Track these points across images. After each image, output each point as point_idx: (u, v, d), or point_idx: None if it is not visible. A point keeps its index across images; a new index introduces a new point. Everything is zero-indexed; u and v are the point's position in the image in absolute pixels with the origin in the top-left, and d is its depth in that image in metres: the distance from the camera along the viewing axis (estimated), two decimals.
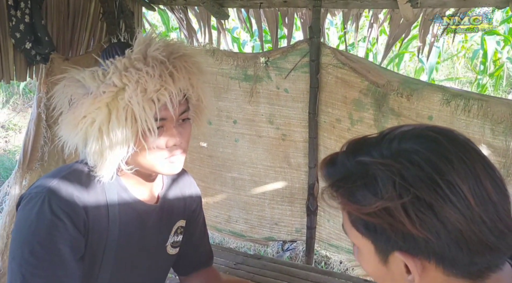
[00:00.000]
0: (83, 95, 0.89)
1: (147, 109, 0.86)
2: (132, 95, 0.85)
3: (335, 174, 0.62)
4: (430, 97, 1.57)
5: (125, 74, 0.86)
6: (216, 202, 2.26)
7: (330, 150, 1.90)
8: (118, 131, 0.86)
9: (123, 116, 0.86)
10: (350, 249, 2.02)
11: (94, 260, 0.98)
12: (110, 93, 0.86)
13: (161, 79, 0.87)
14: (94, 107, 0.87)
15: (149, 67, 0.87)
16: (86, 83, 0.89)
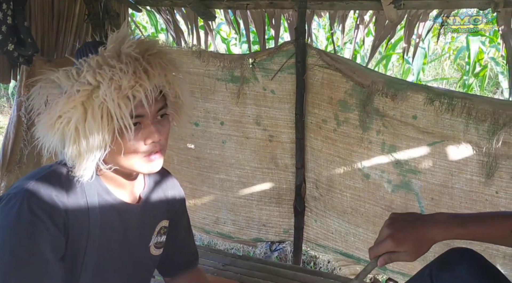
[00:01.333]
0: (58, 95, 0.88)
1: (123, 106, 0.86)
2: (107, 93, 0.85)
3: None
4: (414, 97, 1.59)
5: (98, 72, 0.86)
6: (204, 204, 2.25)
7: (317, 151, 1.91)
8: (94, 130, 0.86)
9: (99, 115, 0.86)
10: (337, 249, 2.03)
11: (75, 260, 0.97)
12: (85, 92, 0.86)
13: (136, 75, 0.87)
14: (69, 106, 0.86)
15: (122, 64, 0.87)
16: (61, 83, 0.88)
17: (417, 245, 0.92)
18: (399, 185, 1.72)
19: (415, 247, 0.92)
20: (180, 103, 1.02)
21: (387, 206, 1.78)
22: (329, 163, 1.89)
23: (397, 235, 0.92)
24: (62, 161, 0.97)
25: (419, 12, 1.87)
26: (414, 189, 1.69)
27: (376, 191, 1.79)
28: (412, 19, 1.91)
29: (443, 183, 1.62)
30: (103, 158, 0.92)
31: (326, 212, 2.00)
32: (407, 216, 0.98)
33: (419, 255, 0.93)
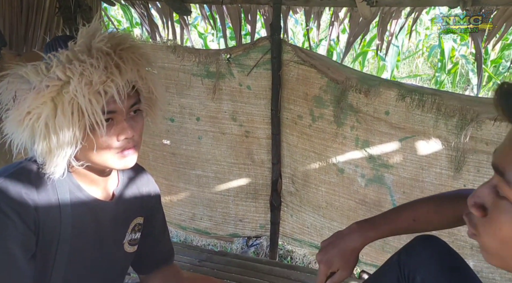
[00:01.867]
0: (27, 90, 0.86)
1: (94, 102, 0.84)
2: (77, 88, 0.83)
3: None
4: (387, 93, 1.62)
5: (68, 67, 0.84)
6: (180, 200, 2.24)
7: (293, 146, 1.93)
8: (65, 126, 0.84)
9: (69, 111, 0.84)
10: (313, 243, 2.06)
11: (46, 259, 0.96)
12: (55, 87, 0.84)
13: (107, 71, 0.86)
14: (38, 102, 0.84)
15: (93, 59, 0.85)
16: (30, 78, 0.86)
17: (344, 259, 1.02)
18: (372, 179, 1.76)
19: (343, 261, 1.03)
20: (154, 98, 1.01)
21: (361, 199, 1.82)
22: (305, 158, 1.91)
23: (324, 258, 1.03)
24: (32, 157, 0.95)
25: (392, 10, 1.90)
26: (387, 183, 1.73)
27: (350, 185, 1.83)
28: (385, 17, 1.94)
29: (414, 177, 1.66)
30: (74, 154, 0.90)
31: (302, 207, 2.03)
32: (331, 238, 1.07)
33: (351, 266, 1.04)
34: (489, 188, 0.56)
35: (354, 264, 1.06)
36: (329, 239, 1.08)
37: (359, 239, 1.03)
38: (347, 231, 1.06)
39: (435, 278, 0.99)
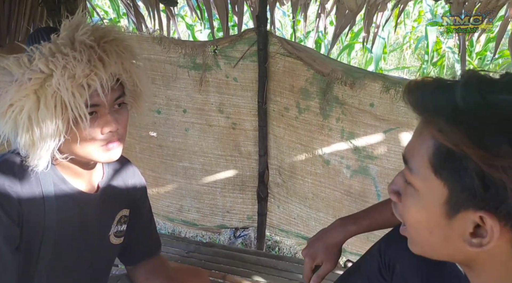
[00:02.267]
0: (9, 83, 0.86)
1: (77, 96, 0.84)
2: (60, 82, 0.83)
3: (447, 103, 0.52)
4: (372, 85, 1.63)
5: (51, 60, 0.84)
6: (168, 192, 2.24)
7: (279, 138, 1.94)
8: (48, 119, 0.84)
9: (52, 104, 0.84)
10: (299, 234, 2.09)
11: (30, 251, 0.96)
12: (37, 80, 0.84)
13: (90, 64, 0.85)
14: (21, 95, 0.84)
15: (76, 52, 0.84)
16: (12, 70, 0.85)
17: (327, 252, 1.08)
18: (357, 170, 1.78)
19: (327, 255, 1.09)
20: (138, 91, 1.01)
21: (346, 190, 1.84)
22: (291, 149, 1.93)
23: (309, 252, 1.10)
24: (15, 150, 0.95)
25: (378, 2, 1.91)
26: (371, 174, 1.75)
27: (335, 176, 1.85)
28: (371, 9, 1.96)
29: (397, 168, 1.69)
30: (58, 147, 0.90)
31: (289, 198, 2.05)
32: (317, 235, 1.14)
33: (334, 259, 1.10)
34: (401, 176, 0.61)
35: (338, 257, 1.11)
36: (316, 235, 1.14)
37: (341, 234, 1.09)
38: (330, 227, 1.12)
39: (414, 267, 1.02)
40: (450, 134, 0.50)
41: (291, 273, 1.82)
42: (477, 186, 0.49)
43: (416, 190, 0.56)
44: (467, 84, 0.51)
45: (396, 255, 1.06)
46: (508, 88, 0.50)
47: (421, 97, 0.55)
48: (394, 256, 1.07)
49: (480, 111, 0.49)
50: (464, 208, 0.51)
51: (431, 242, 0.58)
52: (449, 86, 0.53)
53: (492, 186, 0.48)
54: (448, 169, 0.51)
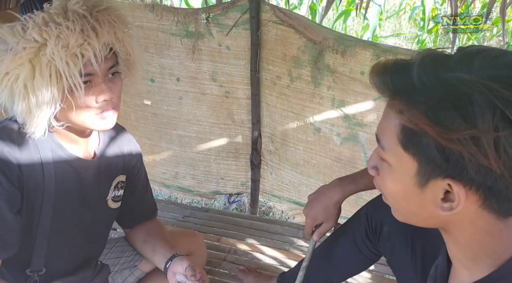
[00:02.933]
0: (4, 51, 0.87)
1: (71, 65, 0.86)
2: (54, 51, 0.85)
3: (405, 84, 0.55)
4: (362, 53, 1.65)
5: (44, 30, 0.85)
6: (163, 159, 2.29)
7: (272, 106, 1.97)
8: (43, 88, 0.87)
9: (47, 73, 0.86)
10: (291, 199, 2.16)
11: (32, 214, 1.00)
12: (32, 49, 0.86)
13: (83, 34, 0.87)
14: (16, 63, 0.86)
15: (69, 21, 0.86)
16: (6, 39, 0.87)
17: (327, 211, 1.13)
18: (347, 138, 1.83)
19: (327, 214, 1.13)
20: (131, 60, 1.03)
21: (336, 157, 1.90)
22: (283, 118, 1.96)
23: (310, 213, 1.15)
24: (12, 117, 0.97)
25: None
26: (361, 141, 1.80)
27: (326, 143, 1.90)
28: None
29: None
30: (54, 115, 0.93)
31: (281, 165, 2.10)
32: (316, 193, 1.18)
33: (334, 218, 1.15)
34: (376, 153, 0.65)
35: (337, 216, 1.15)
36: (314, 193, 1.18)
37: (340, 193, 1.12)
38: (329, 186, 1.15)
39: (400, 228, 1.09)
40: (409, 114, 0.54)
41: (282, 236, 1.90)
42: (439, 158, 0.53)
43: (390, 165, 0.61)
44: (422, 64, 0.54)
45: (384, 218, 1.12)
46: (460, 65, 0.52)
47: (382, 80, 0.57)
48: (381, 219, 1.13)
49: (434, 90, 0.52)
50: (433, 178, 0.56)
51: (408, 210, 0.63)
52: (406, 67, 0.55)
53: (451, 156, 0.52)
54: (413, 144, 0.56)
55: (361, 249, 1.20)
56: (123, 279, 1.33)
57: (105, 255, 1.32)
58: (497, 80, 0.50)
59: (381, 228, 1.13)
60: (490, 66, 0.51)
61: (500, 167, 0.50)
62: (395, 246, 1.11)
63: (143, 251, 1.28)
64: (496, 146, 0.49)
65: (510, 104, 0.48)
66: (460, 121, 0.50)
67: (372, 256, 1.21)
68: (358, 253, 1.21)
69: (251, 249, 1.82)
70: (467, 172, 0.52)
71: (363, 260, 1.23)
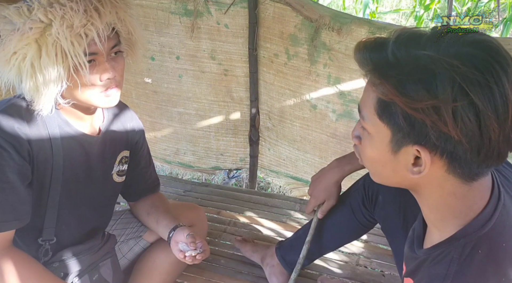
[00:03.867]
0: (11, 31, 0.91)
1: (76, 45, 0.90)
2: (59, 31, 0.89)
3: (381, 60, 0.61)
4: (358, 30, 1.68)
5: (49, 10, 0.89)
6: (164, 136, 2.34)
7: (269, 84, 2.01)
8: (50, 67, 0.91)
9: (53, 52, 0.90)
10: (288, 174, 2.22)
11: (42, 188, 1.06)
12: (37, 29, 0.89)
13: (87, 14, 0.91)
14: (23, 43, 0.90)
15: (73, 2, 0.90)
16: (13, 19, 0.91)
17: (329, 191, 1.24)
18: (342, 114, 1.88)
19: (328, 193, 1.24)
20: (133, 39, 1.06)
21: (332, 133, 1.95)
22: (281, 95, 2.01)
23: (313, 193, 1.26)
24: (20, 94, 1.02)
25: None
26: (356, 117, 1.85)
27: (322, 120, 1.95)
28: None
29: None
30: (60, 93, 0.98)
31: (278, 141, 2.16)
32: (318, 174, 1.27)
33: (335, 196, 1.26)
34: (359, 123, 0.71)
35: (338, 194, 1.27)
36: (317, 175, 1.28)
37: (338, 174, 1.22)
38: (328, 168, 1.25)
39: (394, 196, 1.16)
40: (380, 87, 0.60)
41: (280, 209, 1.98)
42: (405, 126, 0.60)
43: (369, 134, 0.67)
44: (396, 41, 0.60)
45: (379, 188, 1.20)
46: (429, 43, 0.58)
47: (363, 56, 0.63)
48: (377, 189, 1.21)
49: (405, 65, 0.58)
50: (404, 145, 0.62)
51: (384, 173, 0.70)
52: (383, 45, 0.61)
53: (416, 124, 0.58)
54: (386, 114, 0.62)
55: (357, 216, 1.28)
56: (129, 249, 1.40)
57: (111, 226, 1.39)
58: (459, 57, 0.55)
59: (377, 197, 1.21)
60: (455, 45, 0.57)
61: (458, 133, 0.56)
62: (388, 214, 1.18)
63: (147, 222, 1.35)
64: (454, 115, 0.55)
65: (467, 78, 0.54)
66: (424, 92, 0.56)
67: (367, 223, 1.29)
68: (354, 220, 1.29)
69: (250, 221, 1.90)
70: (430, 138, 0.58)
71: (359, 227, 1.31)
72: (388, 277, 1.56)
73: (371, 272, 1.59)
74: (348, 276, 1.56)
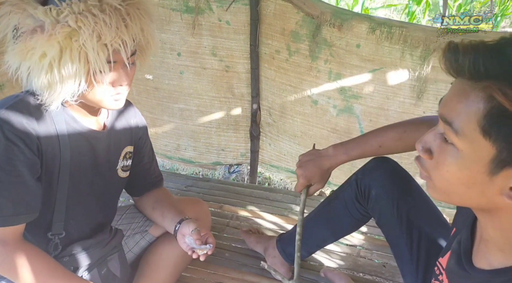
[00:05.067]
0: (35, 27, 0.92)
1: (101, 54, 0.93)
2: (87, 40, 0.91)
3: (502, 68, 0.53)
4: (358, 26, 1.70)
5: (80, 18, 0.91)
6: (165, 132, 2.36)
7: (270, 80, 2.03)
8: (71, 69, 0.93)
9: (77, 57, 0.92)
10: (289, 168, 2.25)
11: (50, 182, 1.08)
12: (64, 33, 0.91)
13: (118, 29, 0.93)
14: (45, 41, 0.91)
15: (105, 15, 0.92)
16: (38, 16, 0.92)
17: (320, 175, 1.22)
18: (343, 109, 1.90)
19: (319, 177, 1.22)
20: (149, 47, 1.09)
21: (333, 128, 1.98)
22: (282, 91, 2.03)
23: (304, 173, 1.22)
24: (28, 90, 1.03)
25: None
26: (356, 113, 1.88)
27: (323, 115, 1.97)
28: None
29: (380, 106, 1.81)
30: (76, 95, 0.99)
31: (279, 136, 2.18)
32: (309, 155, 1.25)
33: (325, 181, 1.24)
34: (435, 135, 0.63)
35: (327, 179, 1.26)
36: (308, 155, 1.25)
37: (334, 161, 1.21)
38: (324, 152, 1.23)
39: (387, 191, 1.19)
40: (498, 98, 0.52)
41: (281, 203, 2.00)
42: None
43: (459, 150, 0.58)
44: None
45: (371, 183, 1.22)
46: None
47: (473, 61, 0.55)
48: (369, 184, 1.23)
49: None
50: (509, 166, 0.54)
51: (465, 195, 0.61)
52: (500, 50, 0.54)
53: None
54: (500, 131, 0.54)
55: (351, 211, 1.30)
56: (135, 243, 1.42)
57: (116, 221, 1.41)
58: None
59: (369, 192, 1.23)
60: None
61: None
62: (382, 208, 1.21)
63: (153, 217, 1.37)
64: None
65: None
66: None
67: (361, 217, 1.31)
68: (349, 215, 1.31)
69: (252, 215, 1.92)
70: None
71: (354, 222, 1.33)
72: (389, 267, 1.59)
73: (372, 263, 1.62)
74: (350, 267, 1.59)
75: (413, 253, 1.13)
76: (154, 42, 1.08)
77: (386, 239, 1.25)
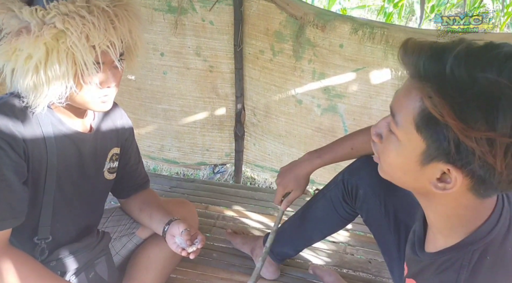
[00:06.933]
0: (19, 27, 0.90)
1: (89, 56, 0.92)
2: (76, 42, 0.90)
3: (437, 72, 0.57)
4: (341, 27, 1.72)
5: (68, 20, 0.89)
6: (148, 133, 2.34)
7: (255, 80, 2.04)
8: (58, 70, 0.91)
9: (64, 59, 0.91)
10: (273, 168, 2.26)
11: (37, 185, 1.06)
12: (50, 35, 0.89)
13: (106, 31, 0.92)
14: (31, 43, 0.89)
15: (94, 17, 0.91)
16: (24, 17, 0.90)
17: (297, 182, 1.27)
18: (327, 109, 1.93)
19: (296, 184, 1.27)
20: (136, 48, 1.08)
21: (317, 127, 2.00)
22: (266, 91, 2.04)
23: (282, 182, 1.28)
24: (12, 93, 1.01)
25: None
26: (340, 112, 1.91)
27: (307, 115, 1.99)
28: None
29: (363, 105, 1.84)
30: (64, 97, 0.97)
31: (264, 136, 2.19)
32: (287, 165, 1.31)
33: (302, 188, 1.29)
34: (385, 123, 0.70)
35: (305, 186, 1.30)
36: (287, 166, 1.31)
37: (308, 166, 1.26)
38: (299, 160, 1.28)
39: (374, 190, 1.21)
40: (438, 104, 0.56)
41: (266, 202, 2.02)
42: (451, 148, 0.57)
43: (398, 140, 0.65)
44: (457, 56, 0.55)
45: (358, 182, 1.25)
46: (491, 66, 0.54)
47: (416, 61, 0.59)
48: (357, 184, 1.25)
49: (464, 86, 0.54)
50: (436, 160, 0.61)
51: (401, 178, 0.69)
52: (441, 55, 0.57)
53: (463, 150, 0.56)
54: (428, 130, 0.59)
55: (338, 210, 1.33)
56: (122, 246, 1.41)
57: (102, 224, 1.39)
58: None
59: (357, 191, 1.26)
60: None
61: (503, 166, 0.55)
62: (370, 207, 1.23)
63: (140, 218, 1.36)
64: (506, 150, 0.54)
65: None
66: (483, 122, 0.53)
67: (348, 216, 1.34)
68: (335, 214, 1.34)
69: (238, 215, 1.93)
70: (472, 167, 0.57)
71: (340, 220, 1.36)
72: (374, 263, 1.63)
73: (358, 259, 1.65)
74: (337, 264, 1.62)
75: (401, 250, 1.16)
76: (142, 44, 1.08)
77: (374, 237, 1.27)
